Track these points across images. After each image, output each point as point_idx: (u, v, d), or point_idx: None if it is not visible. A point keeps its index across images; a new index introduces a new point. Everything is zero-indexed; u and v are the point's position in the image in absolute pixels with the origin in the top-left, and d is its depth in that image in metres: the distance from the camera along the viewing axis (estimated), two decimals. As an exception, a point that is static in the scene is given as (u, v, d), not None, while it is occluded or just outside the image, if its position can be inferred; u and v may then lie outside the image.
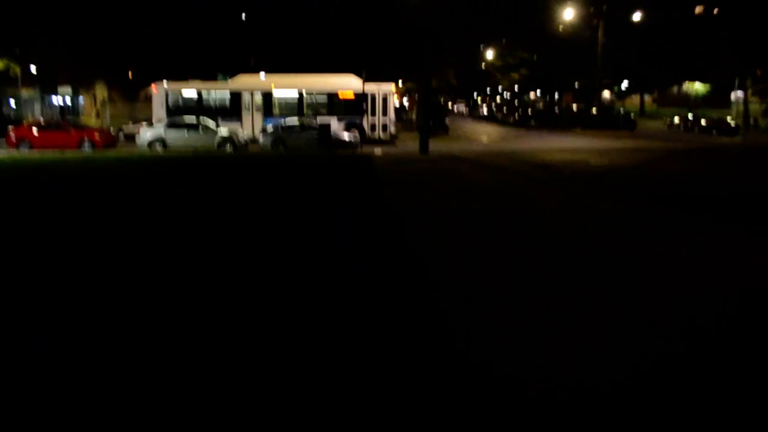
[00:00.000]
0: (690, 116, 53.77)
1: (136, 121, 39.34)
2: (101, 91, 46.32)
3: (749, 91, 61.75)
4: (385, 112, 32.03)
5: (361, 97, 31.77)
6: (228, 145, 27.81)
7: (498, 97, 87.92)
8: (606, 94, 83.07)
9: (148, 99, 57.92)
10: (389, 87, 32.44)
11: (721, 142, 36.70)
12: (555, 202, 12.50)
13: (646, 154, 25.44)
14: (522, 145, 31.79)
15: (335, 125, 29.69)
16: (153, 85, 33.18)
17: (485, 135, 41.62)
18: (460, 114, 74.01)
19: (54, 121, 32.52)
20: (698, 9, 68.75)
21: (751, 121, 55.65)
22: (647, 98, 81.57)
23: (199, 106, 32.04)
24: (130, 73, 48.93)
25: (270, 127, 28.63)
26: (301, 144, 27.20)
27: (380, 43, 45.90)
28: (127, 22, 41.39)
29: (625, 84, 72.87)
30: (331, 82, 32.28)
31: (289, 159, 23.34)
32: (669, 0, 50.10)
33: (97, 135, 28.89)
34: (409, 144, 29.79)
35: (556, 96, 74.97)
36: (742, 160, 24.76)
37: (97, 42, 41.79)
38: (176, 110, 31.70)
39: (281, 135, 27.92)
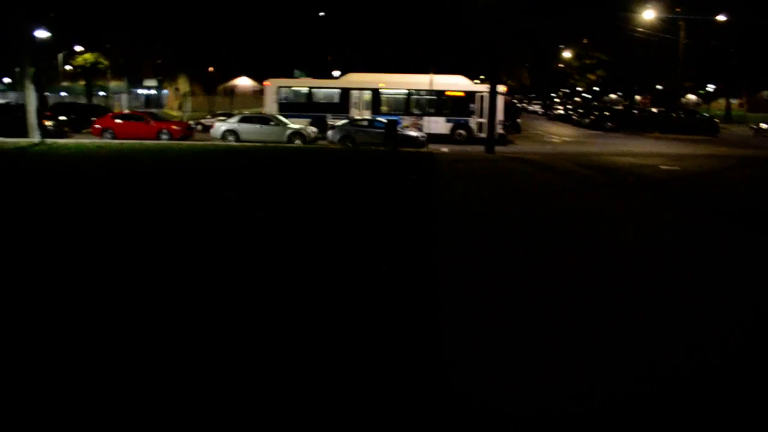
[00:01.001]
0: (780, 122, 51.10)
1: (215, 114, 40.76)
2: (183, 85, 48.15)
3: None
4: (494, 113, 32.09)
5: (469, 96, 31.90)
6: (297, 138, 28.59)
7: (576, 98, 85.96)
8: (691, 97, 79.97)
9: (227, 93, 60.05)
10: (499, 88, 32.23)
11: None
12: (606, 208, 12.27)
13: (722, 161, 24.45)
14: (593, 147, 31.11)
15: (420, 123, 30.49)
16: (266, 82, 34.35)
17: (557, 136, 40.89)
18: (534, 114, 72.82)
19: (135, 113, 34.09)
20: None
21: None
22: (735, 102, 77.88)
23: (308, 102, 33.00)
24: (210, 69, 50.66)
25: (339, 123, 29.25)
26: (368, 139, 27.63)
27: (453, 42, 45.82)
28: (211, 19, 42.92)
29: (711, 87, 69.89)
30: (439, 82, 32.48)
31: (353, 153, 23.76)
32: (758, 1, 47.65)
33: (174, 126, 30.23)
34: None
35: (637, 98, 72.67)
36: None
37: (181, 38, 43.53)
38: (287, 105, 32.74)
39: (350, 130, 28.49)
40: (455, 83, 32.67)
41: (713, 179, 18.58)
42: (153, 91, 52.38)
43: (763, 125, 52.83)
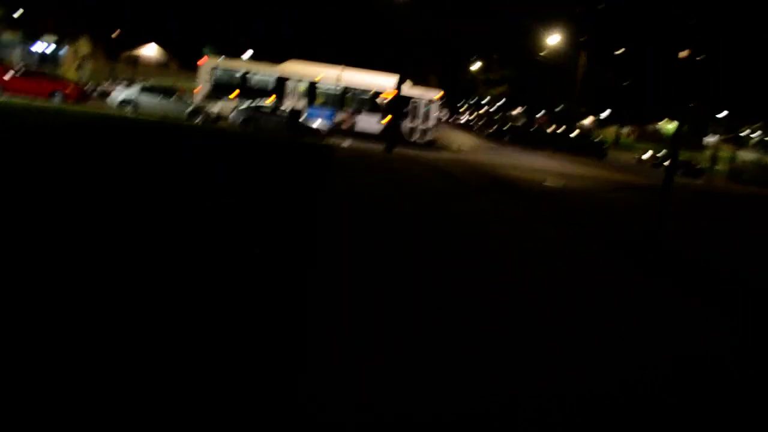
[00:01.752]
0: (659, 154, 55.41)
1: (116, 80, 39.37)
2: (84, 46, 46.11)
3: (719, 138, 63.42)
4: (427, 117, 32.36)
5: (405, 99, 31.76)
6: (198, 117, 28.17)
7: (482, 109, 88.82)
8: (587, 121, 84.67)
9: (131, 61, 57.91)
10: (434, 94, 32.83)
11: (680, 182, 37.71)
12: (477, 209, 13.06)
13: (601, 184, 26.20)
14: (487, 157, 32.46)
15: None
16: (203, 59, 33.67)
17: (456, 144, 42.25)
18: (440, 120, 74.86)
19: (28, 69, 32.41)
20: (683, 53, 70.19)
21: (719, 166, 57.30)
22: (627, 130, 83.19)
23: (242, 86, 32.31)
24: (115, 33, 48.74)
25: (242, 106, 29.02)
26: (271, 126, 27.62)
27: (363, 41, 46.32)
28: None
29: (606, 113, 74.30)
30: (376, 82, 32.63)
31: (252, 137, 23.75)
32: (654, 38, 51.28)
33: (69, 88, 29.02)
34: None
35: (539, 116, 76.17)
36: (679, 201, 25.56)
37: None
38: (220, 87, 32.09)
39: (253, 115, 28.35)
40: (391, 85, 32.95)
41: (585, 198, 19.97)
42: (51, 49, 49.73)
43: (645, 155, 56.97)
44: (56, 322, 4.39)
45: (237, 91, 30.89)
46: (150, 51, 63.78)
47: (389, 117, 26.84)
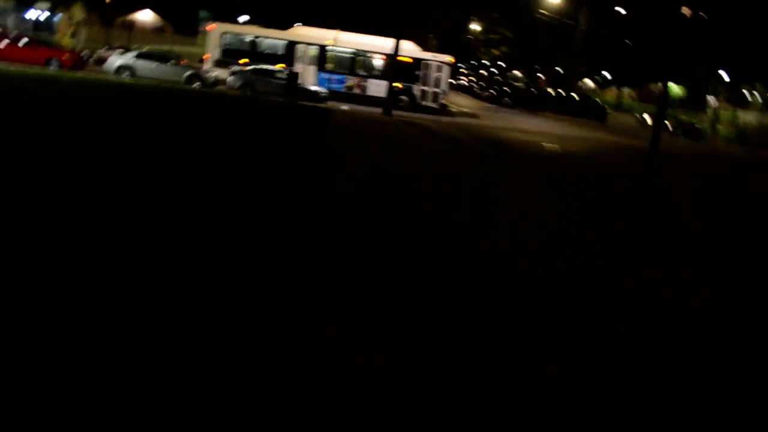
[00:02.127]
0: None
1: (111, 47, 38.92)
2: (79, 12, 45.48)
3: (721, 98, 62.94)
4: (438, 82, 32.07)
5: (415, 63, 31.58)
6: (197, 81, 28.01)
7: (481, 71, 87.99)
8: (588, 82, 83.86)
9: (126, 26, 57.27)
10: (446, 58, 32.48)
11: (680, 144, 37.65)
12: (475, 173, 13.10)
13: (599, 146, 26.17)
14: (488, 121, 32.34)
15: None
16: (210, 26, 33.19)
17: (456, 106, 42.01)
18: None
19: (24, 36, 32.06)
20: (686, 10, 69.24)
21: (721, 127, 57.12)
22: (629, 92, 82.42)
23: (251, 51, 31.87)
24: (110, -3, 48.10)
25: (241, 70, 28.81)
26: (269, 89, 27.46)
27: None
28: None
29: (607, 75, 73.52)
30: (388, 45, 32.31)
31: (249, 100, 23.69)
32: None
33: (64, 56, 28.79)
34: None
35: (539, 77, 75.49)
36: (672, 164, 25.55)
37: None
38: (229, 52, 31.59)
39: (250, 78, 28.17)
40: (404, 48, 32.52)
41: (584, 161, 19.97)
42: (45, 16, 49.08)
43: (646, 117, 56.55)
44: (39, 309, 4.27)
45: (245, 60, 30.44)
46: (145, 16, 62.98)
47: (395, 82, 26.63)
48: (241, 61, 30.23)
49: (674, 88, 70.29)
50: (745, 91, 58.05)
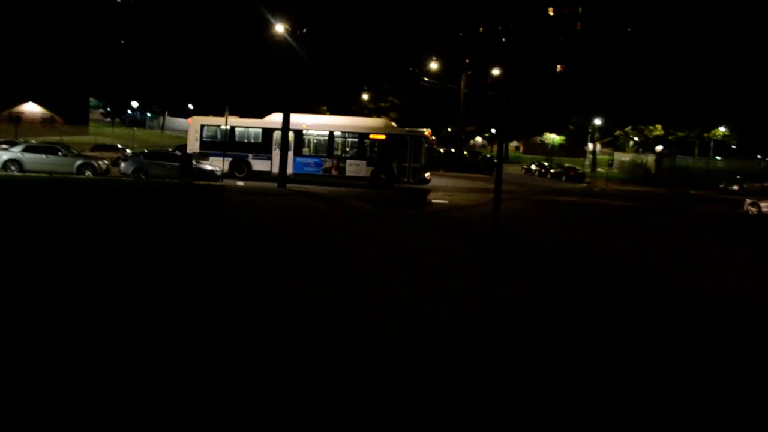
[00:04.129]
0: (545, 164, 59.42)
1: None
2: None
3: (598, 144, 68.20)
4: (416, 157, 31.47)
5: (392, 139, 31.87)
6: (88, 170, 28.00)
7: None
8: (479, 139, 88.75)
9: (13, 119, 56.08)
10: (422, 131, 32.43)
11: (562, 187, 40.56)
12: (361, 233, 14.09)
13: (483, 195, 28.00)
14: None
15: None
16: (190, 119, 33.82)
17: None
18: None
19: None
20: (559, 67, 75.36)
21: (599, 169, 61.89)
22: (515, 145, 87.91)
23: (230, 141, 32.25)
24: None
25: (132, 155, 29.06)
26: (163, 172, 27.74)
27: (249, 81, 46.99)
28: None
29: (494, 131, 78.19)
30: (363, 124, 32.84)
31: (143, 185, 23.93)
32: (532, 56, 55.06)
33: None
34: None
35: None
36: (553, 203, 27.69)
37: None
38: (209, 144, 32.38)
39: (143, 163, 28.43)
40: (377, 126, 33.27)
41: (466, 210, 21.47)
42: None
43: (533, 167, 60.59)
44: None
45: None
46: (31, 108, 61.79)
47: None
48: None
49: (554, 137, 75.66)
50: (618, 134, 63.25)
